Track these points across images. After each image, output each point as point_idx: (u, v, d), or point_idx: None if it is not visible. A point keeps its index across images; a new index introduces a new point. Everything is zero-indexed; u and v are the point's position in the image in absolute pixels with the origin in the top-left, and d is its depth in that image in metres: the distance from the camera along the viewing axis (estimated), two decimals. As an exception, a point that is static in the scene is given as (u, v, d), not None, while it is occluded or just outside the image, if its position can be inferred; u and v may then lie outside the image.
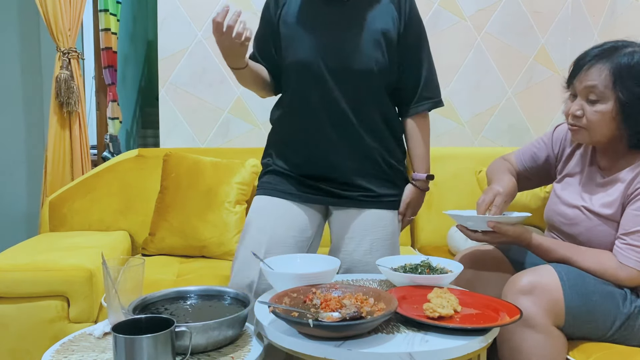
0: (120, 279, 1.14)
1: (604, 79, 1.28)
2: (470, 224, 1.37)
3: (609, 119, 1.30)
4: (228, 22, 1.22)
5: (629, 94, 1.26)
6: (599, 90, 1.29)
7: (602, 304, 1.24)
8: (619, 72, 1.27)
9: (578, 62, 1.35)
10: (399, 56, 1.48)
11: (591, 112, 1.31)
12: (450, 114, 2.61)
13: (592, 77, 1.30)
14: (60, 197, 2.13)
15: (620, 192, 1.31)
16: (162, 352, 0.94)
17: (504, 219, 1.33)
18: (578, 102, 1.34)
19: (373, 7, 1.44)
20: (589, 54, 1.33)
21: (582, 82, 1.32)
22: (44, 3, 2.37)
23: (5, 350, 1.61)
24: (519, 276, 1.26)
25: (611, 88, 1.28)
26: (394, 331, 1.08)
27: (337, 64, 1.41)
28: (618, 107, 1.28)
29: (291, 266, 1.35)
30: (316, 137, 1.45)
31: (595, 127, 1.32)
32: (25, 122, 3.06)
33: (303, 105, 1.45)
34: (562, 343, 1.25)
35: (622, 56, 1.28)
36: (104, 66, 3.65)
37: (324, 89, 1.43)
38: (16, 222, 3.06)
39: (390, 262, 1.41)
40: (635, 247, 1.25)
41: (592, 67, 1.31)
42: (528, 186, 1.60)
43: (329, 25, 1.42)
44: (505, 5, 2.60)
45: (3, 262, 1.66)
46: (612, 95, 1.28)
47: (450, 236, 2.19)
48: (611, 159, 1.37)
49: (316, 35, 1.41)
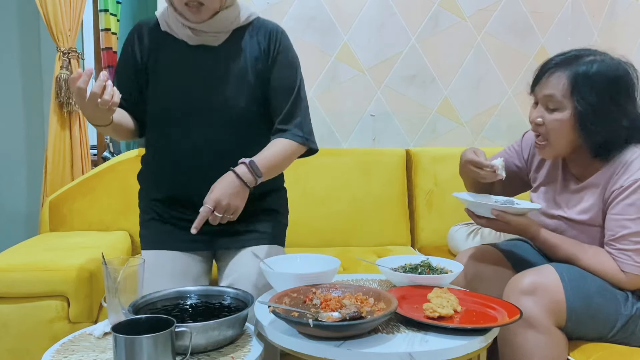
0: (120, 279, 1.14)
1: (562, 88, 1.28)
2: (476, 209, 1.37)
3: (567, 128, 1.29)
4: (93, 89, 1.14)
5: (585, 103, 1.26)
6: (557, 99, 1.29)
7: (604, 305, 1.24)
8: (576, 81, 1.27)
9: (541, 69, 1.36)
10: (270, 92, 1.45)
11: (550, 120, 1.31)
12: (450, 114, 2.61)
13: (551, 86, 1.30)
14: (60, 197, 2.13)
15: (596, 197, 1.31)
16: (162, 352, 0.94)
17: (510, 209, 1.33)
18: (539, 110, 1.34)
19: (243, 50, 1.42)
20: (552, 61, 1.34)
21: (542, 90, 1.32)
22: (44, 3, 2.37)
23: (5, 350, 1.61)
24: (521, 276, 1.26)
25: (569, 97, 1.28)
26: (394, 331, 1.08)
27: (209, 108, 1.40)
28: (575, 117, 1.27)
29: (291, 266, 1.35)
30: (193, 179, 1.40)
31: (556, 135, 1.32)
32: (25, 122, 3.06)
33: (175, 149, 1.41)
34: (563, 343, 1.25)
35: (582, 65, 1.28)
36: (104, 66, 3.65)
37: (197, 133, 1.40)
38: (16, 222, 3.06)
39: (390, 262, 1.41)
40: (626, 251, 1.25)
41: (552, 75, 1.31)
42: (505, 192, 1.58)
43: (200, 71, 1.40)
44: (505, 5, 2.59)
45: (3, 262, 1.66)
46: (569, 104, 1.28)
47: (450, 236, 2.19)
48: (581, 166, 1.37)
49: (188, 82, 1.40)
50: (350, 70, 2.50)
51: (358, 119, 2.54)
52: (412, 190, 2.36)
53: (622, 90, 1.28)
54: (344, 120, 2.53)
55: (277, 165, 1.40)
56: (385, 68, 2.52)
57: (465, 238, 2.09)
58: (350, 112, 2.53)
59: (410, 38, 2.53)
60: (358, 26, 2.49)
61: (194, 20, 1.35)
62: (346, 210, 2.25)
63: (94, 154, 3.48)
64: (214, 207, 1.27)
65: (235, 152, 1.38)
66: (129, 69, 1.44)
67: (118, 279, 1.14)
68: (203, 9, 1.32)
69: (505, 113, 2.65)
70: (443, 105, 2.60)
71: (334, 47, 2.48)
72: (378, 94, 2.54)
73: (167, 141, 1.43)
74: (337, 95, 2.51)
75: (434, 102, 2.59)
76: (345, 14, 2.48)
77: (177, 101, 1.41)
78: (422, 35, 2.54)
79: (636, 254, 1.24)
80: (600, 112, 1.26)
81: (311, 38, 2.46)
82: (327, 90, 2.50)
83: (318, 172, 2.27)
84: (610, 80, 1.27)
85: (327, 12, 2.46)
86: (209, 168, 1.37)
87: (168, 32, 1.42)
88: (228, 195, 1.26)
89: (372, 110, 2.54)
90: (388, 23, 2.51)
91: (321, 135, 2.53)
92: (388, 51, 2.52)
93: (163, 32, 1.42)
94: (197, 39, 1.39)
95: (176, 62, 1.41)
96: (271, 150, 1.40)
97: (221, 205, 1.25)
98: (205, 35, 1.39)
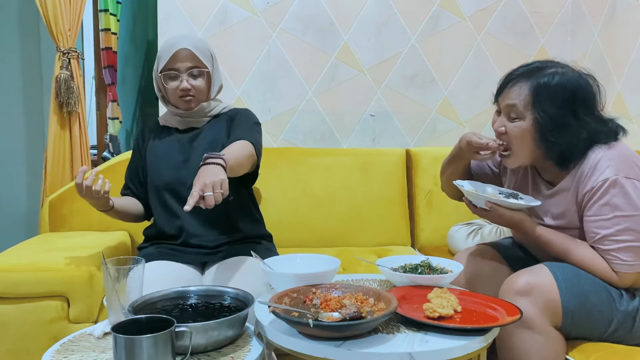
0: (120, 279, 1.14)
1: (524, 99, 1.30)
2: (474, 199, 1.38)
3: (528, 138, 1.31)
4: (86, 183, 1.43)
5: (545, 114, 1.28)
6: (518, 110, 1.31)
7: (599, 304, 1.24)
8: (537, 92, 1.29)
9: (504, 80, 1.37)
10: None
11: (511, 128, 1.33)
12: (450, 114, 2.61)
13: (513, 96, 1.32)
14: (60, 197, 2.12)
15: (568, 201, 1.33)
16: (162, 352, 0.94)
17: (505, 203, 1.33)
18: (501, 120, 1.36)
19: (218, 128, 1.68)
20: (515, 72, 1.36)
21: (505, 100, 1.35)
22: (44, 3, 2.37)
23: (5, 350, 1.61)
24: (515, 277, 1.27)
25: (530, 108, 1.30)
26: (394, 331, 1.08)
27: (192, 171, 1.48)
28: (535, 127, 1.29)
29: (291, 266, 1.35)
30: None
31: (517, 144, 1.34)
32: (25, 122, 3.06)
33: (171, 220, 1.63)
34: (561, 343, 1.25)
35: (544, 76, 1.30)
36: (104, 66, 3.64)
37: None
38: (16, 222, 3.06)
39: (390, 262, 1.41)
40: (610, 251, 1.25)
41: (514, 86, 1.33)
42: None
43: (185, 149, 1.66)
44: (505, 5, 2.59)
45: (3, 262, 1.65)
46: (530, 115, 1.30)
47: (450, 236, 2.19)
48: (550, 172, 1.38)
49: (176, 159, 1.65)
50: (350, 70, 2.50)
51: (358, 119, 2.54)
52: (412, 190, 2.36)
53: (581, 102, 1.30)
54: (344, 120, 2.53)
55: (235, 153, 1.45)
56: (385, 68, 2.53)
57: (465, 238, 2.09)
58: (350, 112, 2.53)
59: (410, 38, 2.53)
60: (358, 26, 2.49)
61: (184, 108, 1.66)
62: (346, 210, 2.25)
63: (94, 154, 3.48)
64: (201, 191, 1.27)
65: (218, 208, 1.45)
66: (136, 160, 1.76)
67: (118, 279, 1.14)
68: (194, 99, 1.64)
69: (505, 113, 2.65)
70: (443, 105, 2.60)
71: (334, 47, 2.48)
72: (378, 94, 2.54)
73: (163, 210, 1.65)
74: (337, 95, 2.51)
75: (434, 102, 2.59)
76: (345, 14, 2.48)
77: (169, 172, 1.64)
78: (422, 35, 2.54)
79: (621, 252, 1.24)
80: (559, 123, 1.28)
81: (311, 38, 2.46)
82: (327, 90, 2.50)
83: (318, 172, 2.27)
84: (569, 92, 1.29)
85: (327, 12, 2.47)
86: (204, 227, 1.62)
87: (165, 124, 1.75)
88: (208, 175, 1.28)
89: (372, 110, 2.55)
90: (388, 23, 2.51)
91: (321, 135, 2.53)
92: (388, 51, 2.52)
93: (162, 126, 1.75)
94: (185, 123, 1.71)
95: (168, 143, 1.70)
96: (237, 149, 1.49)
97: (207, 184, 1.26)
98: (191, 120, 1.70)
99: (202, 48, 1.63)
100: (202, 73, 1.63)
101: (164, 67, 1.61)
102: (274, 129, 2.50)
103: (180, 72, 1.61)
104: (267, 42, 2.45)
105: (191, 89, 1.61)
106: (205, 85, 1.65)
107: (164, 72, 1.62)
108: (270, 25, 2.44)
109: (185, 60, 1.60)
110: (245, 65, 2.45)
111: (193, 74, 1.62)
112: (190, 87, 1.61)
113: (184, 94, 1.62)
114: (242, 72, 2.45)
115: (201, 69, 1.62)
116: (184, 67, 1.60)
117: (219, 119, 1.71)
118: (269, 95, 2.48)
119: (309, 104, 2.50)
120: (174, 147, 1.68)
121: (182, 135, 1.71)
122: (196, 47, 1.61)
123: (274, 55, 2.46)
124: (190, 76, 1.62)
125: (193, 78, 1.62)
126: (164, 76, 1.63)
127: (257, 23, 2.43)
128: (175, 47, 1.59)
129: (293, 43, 2.46)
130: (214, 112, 1.71)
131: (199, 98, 1.65)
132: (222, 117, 1.72)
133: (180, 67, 1.60)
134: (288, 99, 2.49)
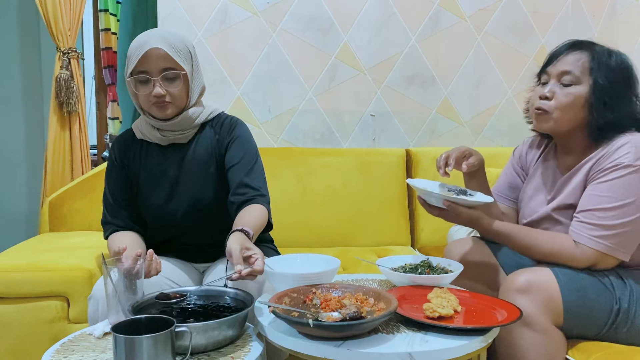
0: (120, 279, 1.14)
1: (581, 65, 1.32)
2: (428, 198, 1.36)
3: (579, 104, 1.31)
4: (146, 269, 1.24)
5: (606, 80, 1.29)
6: (574, 75, 1.32)
7: (598, 298, 1.24)
8: (596, 59, 1.31)
9: (553, 53, 1.39)
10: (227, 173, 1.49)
11: (564, 94, 1.33)
12: (450, 114, 2.61)
13: (570, 61, 1.33)
14: (60, 197, 2.12)
15: (580, 179, 1.33)
16: (162, 352, 0.94)
17: (461, 201, 1.32)
18: (550, 85, 1.36)
19: (206, 143, 1.50)
20: (565, 45, 1.38)
21: (559, 67, 1.35)
22: (44, 3, 2.37)
23: (5, 351, 1.61)
24: (516, 275, 1.26)
25: (587, 74, 1.31)
26: (394, 331, 1.08)
27: (182, 201, 1.47)
28: (592, 92, 1.30)
29: (291, 266, 1.35)
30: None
31: (565, 109, 1.33)
32: (25, 122, 3.06)
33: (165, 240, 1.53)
34: (561, 342, 1.25)
35: (600, 48, 1.34)
36: (104, 66, 3.64)
37: (175, 229, 1.51)
38: (16, 222, 3.06)
39: (390, 262, 1.41)
40: (586, 223, 1.26)
41: (569, 54, 1.35)
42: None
43: (173, 167, 1.48)
44: (505, 5, 2.60)
45: (3, 262, 1.66)
46: (588, 81, 1.31)
47: (450, 236, 2.18)
48: (574, 149, 1.38)
49: (165, 178, 1.48)
50: (350, 70, 2.50)
51: (358, 119, 2.54)
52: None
53: (635, 80, 1.34)
54: (344, 120, 2.54)
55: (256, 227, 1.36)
56: (385, 68, 2.53)
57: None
58: (350, 112, 2.54)
59: (410, 38, 2.53)
60: (358, 26, 2.49)
61: (160, 116, 1.42)
62: (346, 210, 2.25)
63: (93, 154, 3.48)
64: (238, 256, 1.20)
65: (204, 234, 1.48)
66: (119, 176, 1.51)
67: (118, 279, 1.14)
68: (170, 105, 1.41)
69: (505, 113, 2.65)
70: (443, 105, 2.60)
71: (334, 47, 2.48)
72: (378, 94, 2.54)
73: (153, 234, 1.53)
74: (337, 95, 2.51)
75: (434, 102, 2.59)
76: (345, 14, 2.48)
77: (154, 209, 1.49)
78: (422, 35, 2.54)
79: (594, 228, 1.24)
80: (616, 92, 1.30)
81: (311, 38, 2.46)
82: (327, 90, 2.50)
83: (318, 172, 2.27)
84: (627, 66, 1.33)
85: (327, 12, 2.47)
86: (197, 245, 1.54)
87: (143, 138, 1.50)
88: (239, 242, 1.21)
89: (372, 110, 2.55)
90: (388, 23, 2.51)
91: (321, 135, 2.53)
92: (388, 51, 2.52)
93: (138, 140, 1.51)
94: (166, 140, 1.48)
95: (151, 168, 1.49)
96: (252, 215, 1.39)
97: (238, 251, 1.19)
98: (174, 135, 1.47)
99: (177, 46, 1.39)
100: (178, 76, 1.39)
101: (133, 69, 1.38)
102: (274, 129, 2.50)
103: (152, 75, 1.37)
104: (267, 42, 2.45)
105: (165, 94, 1.38)
106: (183, 90, 1.42)
107: (134, 76, 1.38)
108: (270, 25, 2.44)
109: (158, 61, 1.36)
110: (245, 65, 2.45)
111: (167, 77, 1.38)
112: (165, 92, 1.38)
113: (157, 101, 1.38)
114: (242, 72, 2.45)
115: (177, 71, 1.39)
116: (156, 69, 1.37)
117: (204, 132, 1.51)
118: (269, 95, 2.48)
119: (309, 104, 2.50)
120: (157, 177, 1.49)
121: (164, 153, 1.49)
122: (170, 46, 1.38)
123: (274, 55, 2.46)
124: (165, 80, 1.38)
125: (168, 82, 1.39)
126: (134, 80, 1.39)
127: (257, 23, 2.43)
128: (146, 46, 1.36)
129: (293, 43, 2.46)
130: (199, 122, 1.49)
131: (176, 104, 1.42)
132: (207, 130, 1.52)
133: (152, 69, 1.37)
134: (288, 99, 2.49)
